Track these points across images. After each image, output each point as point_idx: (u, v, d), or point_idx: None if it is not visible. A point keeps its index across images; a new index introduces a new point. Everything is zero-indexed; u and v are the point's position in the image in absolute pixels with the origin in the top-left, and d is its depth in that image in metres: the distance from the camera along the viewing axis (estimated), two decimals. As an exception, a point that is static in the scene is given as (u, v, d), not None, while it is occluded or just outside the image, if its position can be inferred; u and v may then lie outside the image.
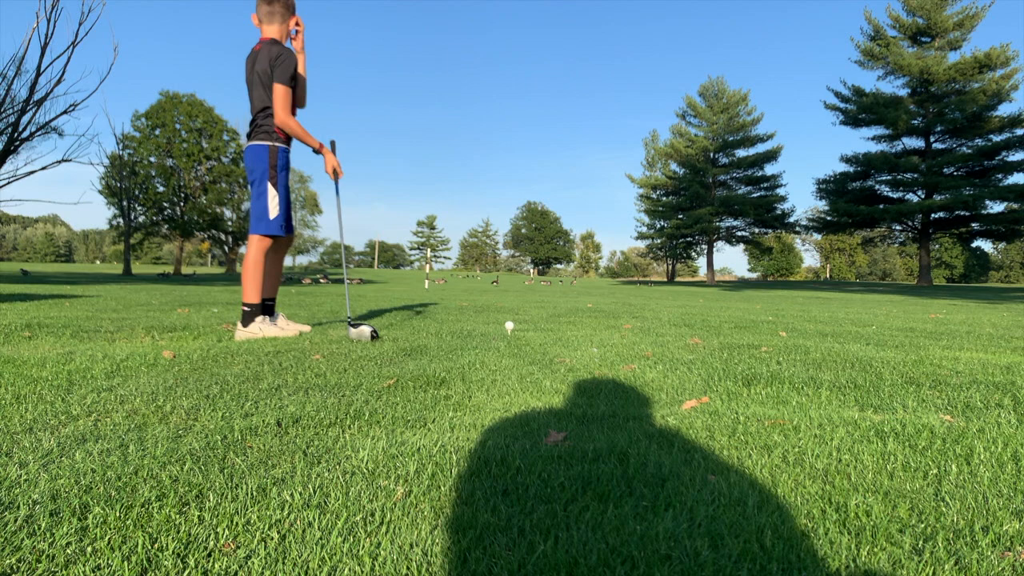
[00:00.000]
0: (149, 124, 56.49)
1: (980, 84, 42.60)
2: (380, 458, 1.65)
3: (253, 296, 4.40)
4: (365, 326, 4.23)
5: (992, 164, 44.50)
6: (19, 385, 2.43)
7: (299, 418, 2.04)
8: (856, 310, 10.54)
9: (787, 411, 2.30)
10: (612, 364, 3.36)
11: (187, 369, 2.92)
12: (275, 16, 4.44)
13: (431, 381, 2.75)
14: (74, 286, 14.93)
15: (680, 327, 5.81)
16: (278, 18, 4.44)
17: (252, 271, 4.40)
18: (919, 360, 3.74)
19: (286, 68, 4.29)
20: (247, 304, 4.39)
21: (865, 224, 49.59)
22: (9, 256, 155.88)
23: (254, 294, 4.40)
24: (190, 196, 58.13)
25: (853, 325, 6.58)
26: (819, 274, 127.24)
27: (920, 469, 1.65)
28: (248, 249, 4.43)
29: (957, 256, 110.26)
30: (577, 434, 1.93)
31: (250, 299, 4.39)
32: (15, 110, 24.34)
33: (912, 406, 2.42)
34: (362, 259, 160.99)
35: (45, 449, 1.65)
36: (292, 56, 4.34)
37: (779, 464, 1.67)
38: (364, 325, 4.25)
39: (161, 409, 2.11)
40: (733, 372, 3.13)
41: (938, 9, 44.61)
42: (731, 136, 59.48)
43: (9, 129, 24.46)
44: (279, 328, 4.44)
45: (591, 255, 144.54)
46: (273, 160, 4.33)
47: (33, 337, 3.96)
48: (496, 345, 4.07)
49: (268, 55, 4.30)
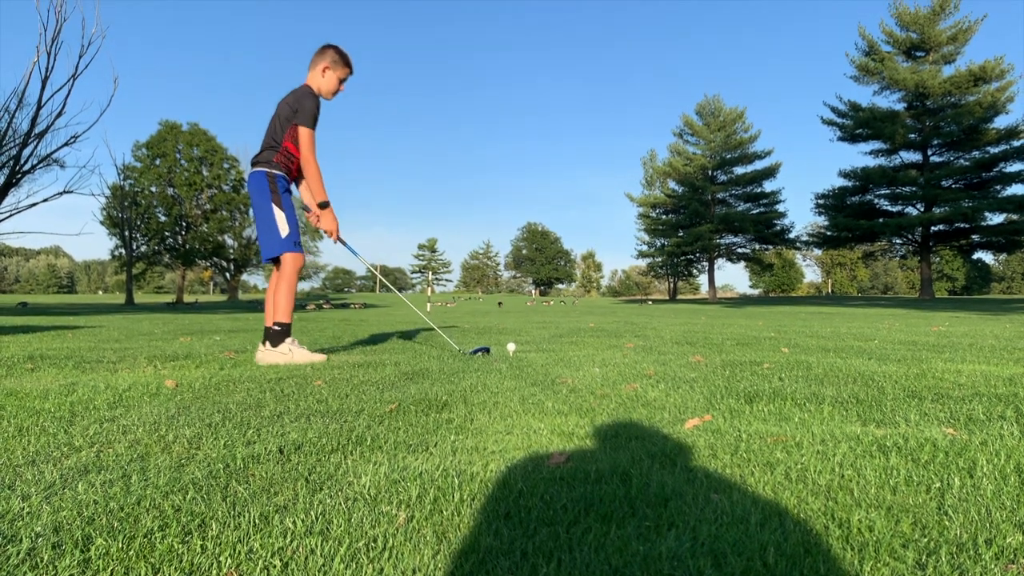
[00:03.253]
0: (150, 154, 56.83)
1: (976, 97, 42.82)
2: (382, 483, 1.65)
3: (286, 315, 4.42)
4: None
5: (990, 176, 44.62)
6: (22, 417, 2.43)
7: (301, 445, 2.04)
8: (858, 324, 10.53)
9: (789, 428, 2.29)
10: (614, 384, 3.35)
11: (189, 398, 2.92)
12: (316, 64, 4.60)
13: (433, 405, 2.74)
14: (76, 317, 14.94)
15: (682, 345, 5.80)
16: (318, 66, 4.59)
17: (287, 289, 4.43)
18: (921, 373, 3.73)
19: (308, 112, 4.39)
20: (279, 323, 4.39)
21: (865, 238, 49.68)
22: (12, 288, 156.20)
23: (287, 313, 4.42)
24: (191, 225, 58.36)
25: (855, 340, 6.57)
26: (821, 289, 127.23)
27: (923, 483, 1.65)
28: (283, 268, 4.44)
29: (958, 268, 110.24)
30: (579, 455, 1.93)
31: (282, 317, 4.40)
32: (16, 143, 24.48)
33: (915, 420, 2.41)
34: (363, 283, 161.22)
35: (48, 481, 1.65)
36: (316, 101, 4.45)
37: (782, 481, 1.67)
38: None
39: (163, 439, 2.11)
40: (735, 389, 3.12)
41: (931, 24, 44.91)
42: (729, 154, 59.73)
43: (11, 162, 24.61)
44: (308, 353, 4.43)
45: (592, 275, 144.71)
46: (273, 184, 4.38)
47: (36, 369, 3.96)
48: (498, 367, 4.07)
49: (295, 98, 4.43)
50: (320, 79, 4.56)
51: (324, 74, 4.57)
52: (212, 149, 58.70)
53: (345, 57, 4.63)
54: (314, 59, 4.58)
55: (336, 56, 4.59)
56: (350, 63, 4.67)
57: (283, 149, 4.43)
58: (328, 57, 4.57)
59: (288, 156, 4.47)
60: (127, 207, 51.15)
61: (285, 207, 4.41)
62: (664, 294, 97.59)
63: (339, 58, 4.60)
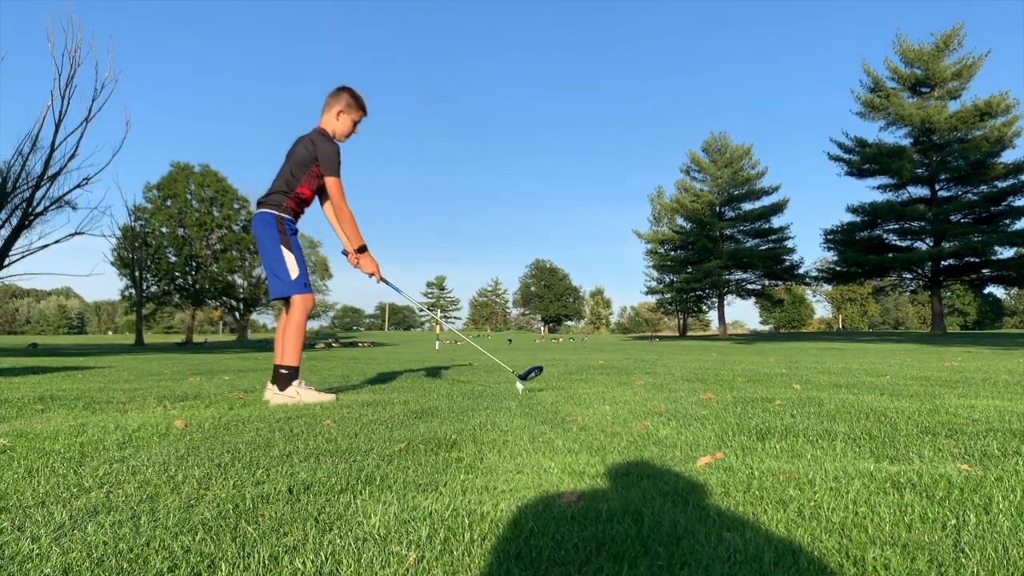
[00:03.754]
0: (161, 195, 57.36)
1: (982, 132, 42.95)
2: (392, 523, 1.64)
3: (293, 358, 4.39)
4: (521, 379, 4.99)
5: (999, 210, 44.60)
6: (32, 458, 2.43)
7: (310, 484, 2.03)
8: (870, 360, 10.47)
9: (802, 464, 2.27)
10: (625, 421, 3.34)
11: (199, 438, 2.92)
12: (330, 107, 4.62)
13: (442, 443, 2.73)
14: (86, 357, 14.99)
15: (693, 382, 5.78)
16: (333, 109, 4.61)
17: (296, 332, 4.40)
18: (934, 409, 3.70)
19: (332, 161, 4.43)
20: (286, 367, 4.36)
21: (875, 273, 49.57)
22: (23, 330, 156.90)
23: (295, 356, 4.40)
24: (201, 265, 58.67)
25: (867, 375, 6.53)
26: (831, 325, 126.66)
27: (938, 520, 1.63)
28: (292, 310, 4.41)
29: (969, 303, 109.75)
30: (590, 494, 1.91)
31: (290, 361, 4.37)
32: (30, 185, 24.79)
33: (928, 456, 2.39)
34: (372, 321, 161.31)
35: (57, 522, 1.65)
36: (336, 146, 4.49)
37: (795, 518, 1.65)
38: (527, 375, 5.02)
39: (173, 479, 2.10)
40: (747, 426, 3.10)
41: (935, 60, 45.26)
42: (736, 190, 59.95)
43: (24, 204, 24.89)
44: (316, 393, 4.41)
45: (601, 311, 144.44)
46: (281, 226, 4.39)
47: (46, 410, 3.97)
48: (507, 405, 4.05)
49: (313, 143, 4.46)
50: (335, 122, 4.58)
51: (339, 117, 4.58)
52: (223, 190, 59.20)
53: (360, 100, 4.65)
54: (328, 101, 4.59)
55: (351, 99, 4.61)
56: (364, 106, 4.68)
57: (295, 194, 4.45)
58: (343, 100, 4.59)
59: (299, 201, 4.49)
60: (138, 248, 51.56)
61: (294, 248, 4.42)
62: (674, 330, 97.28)
63: (354, 101, 4.61)
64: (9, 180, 24.47)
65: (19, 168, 24.52)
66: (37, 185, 24.79)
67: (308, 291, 4.45)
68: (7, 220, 24.93)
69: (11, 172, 24.48)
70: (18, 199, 24.94)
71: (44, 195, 25.29)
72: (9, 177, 24.47)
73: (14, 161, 24.42)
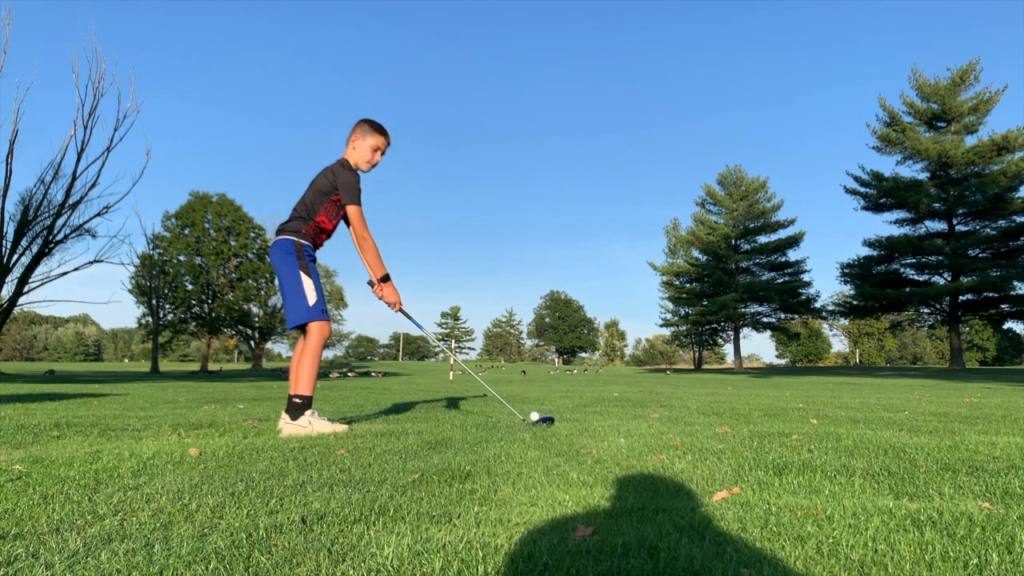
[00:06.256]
0: (179, 224, 57.99)
1: (1000, 166, 42.76)
2: (405, 555, 1.63)
3: (307, 387, 4.37)
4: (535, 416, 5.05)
5: (1018, 245, 44.25)
6: (47, 485, 2.44)
7: (324, 515, 2.02)
8: (888, 395, 10.36)
9: (820, 500, 2.24)
10: (640, 455, 3.31)
11: (213, 466, 2.92)
12: (348, 138, 4.69)
13: (456, 475, 2.72)
14: (102, 385, 15.07)
15: (709, 416, 5.73)
16: (350, 139, 4.67)
17: (312, 360, 4.39)
18: (954, 445, 3.65)
19: (352, 190, 4.49)
20: (300, 396, 4.34)
21: (892, 307, 49.19)
22: (40, 356, 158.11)
23: (309, 385, 4.38)
24: (218, 293, 59.09)
25: (885, 411, 6.46)
26: (848, 359, 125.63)
27: (960, 559, 1.60)
28: (308, 338, 4.40)
29: (988, 338, 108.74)
30: (606, 528, 1.89)
31: (303, 390, 4.35)
32: (51, 213, 25.14)
33: (949, 493, 2.36)
34: (387, 351, 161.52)
35: (71, 550, 1.65)
36: (355, 175, 4.55)
37: (813, 555, 1.63)
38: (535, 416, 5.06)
39: (187, 507, 2.10)
40: (764, 461, 3.07)
41: (952, 95, 45.24)
42: (752, 223, 59.83)
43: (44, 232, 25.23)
44: (328, 423, 4.39)
45: (616, 343, 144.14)
46: (300, 252, 4.41)
47: (62, 436, 3.98)
48: (521, 436, 4.03)
49: (333, 173, 4.51)
50: (353, 152, 4.62)
51: (355, 145, 4.63)
52: (239, 219, 59.80)
53: (376, 125, 4.66)
54: (349, 134, 4.66)
55: (367, 126, 4.64)
56: (384, 131, 4.68)
57: (315, 222, 4.49)
58: (359, 128, 4.63)
59: (318, 229, 4.53)
60: (155, 276, 52.00)
61: (312, 275, 4.44)
62: (689, 363, 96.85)
63: (369, 127, 4.64)
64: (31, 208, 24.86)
65: (41, 196, 24.91)
66: (58, 213, 25.18)
67: (325, 318, 4.46)
68: (28, 247, 25.30)
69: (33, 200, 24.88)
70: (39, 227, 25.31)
71: (65, 223, 25.67)
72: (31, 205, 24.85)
73: (36, 189, 24.81)
